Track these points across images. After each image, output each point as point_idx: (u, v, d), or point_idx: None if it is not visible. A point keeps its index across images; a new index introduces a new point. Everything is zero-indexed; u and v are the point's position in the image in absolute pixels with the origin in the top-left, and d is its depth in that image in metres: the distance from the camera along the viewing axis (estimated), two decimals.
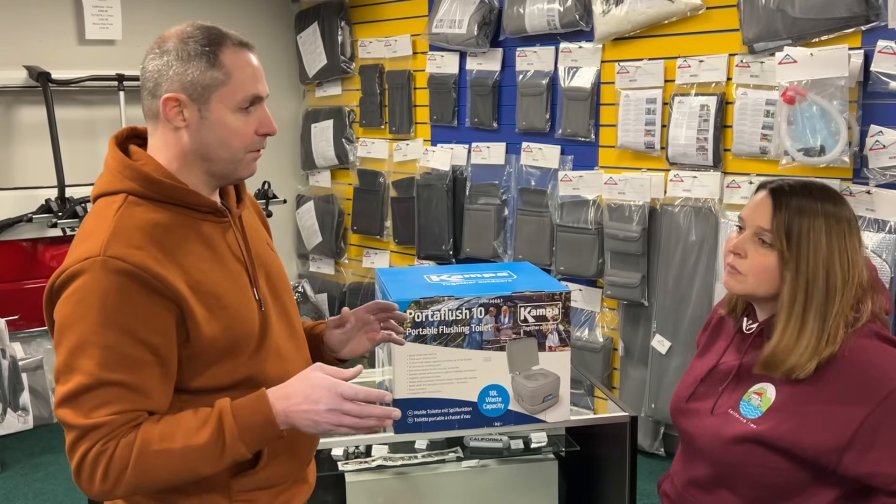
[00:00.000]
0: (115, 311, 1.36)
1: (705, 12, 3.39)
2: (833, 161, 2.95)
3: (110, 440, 1.35)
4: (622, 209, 3.66)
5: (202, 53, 1.44)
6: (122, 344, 1.36)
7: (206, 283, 1.45)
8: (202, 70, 1.44)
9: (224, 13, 4.91)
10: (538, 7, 3.86)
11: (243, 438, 1.38)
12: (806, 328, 1.58)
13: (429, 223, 4.51)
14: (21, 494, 3.56)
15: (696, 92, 3.43)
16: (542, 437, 2.44)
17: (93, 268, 1.36)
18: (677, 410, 1.82)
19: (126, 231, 1.40)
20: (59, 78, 4.24)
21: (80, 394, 1.35)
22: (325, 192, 5.17)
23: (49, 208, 4.17)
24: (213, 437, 1.37)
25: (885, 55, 2.88)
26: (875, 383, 1.53)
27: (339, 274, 5.16)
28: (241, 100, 1.45)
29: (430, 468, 2.39)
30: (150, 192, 1.45)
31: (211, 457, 1.38)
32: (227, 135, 1.46)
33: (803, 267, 1.58)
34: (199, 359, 1.45)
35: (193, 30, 1.46)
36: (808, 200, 1.61)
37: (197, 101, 1.45)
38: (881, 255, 2.90)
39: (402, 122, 4.66)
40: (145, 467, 1.36)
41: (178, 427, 1.38)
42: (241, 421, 1.38)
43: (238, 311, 1.48)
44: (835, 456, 1.54)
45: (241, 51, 1.47)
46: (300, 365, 1.61)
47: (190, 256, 1.44)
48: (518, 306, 2.00)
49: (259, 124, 1.48)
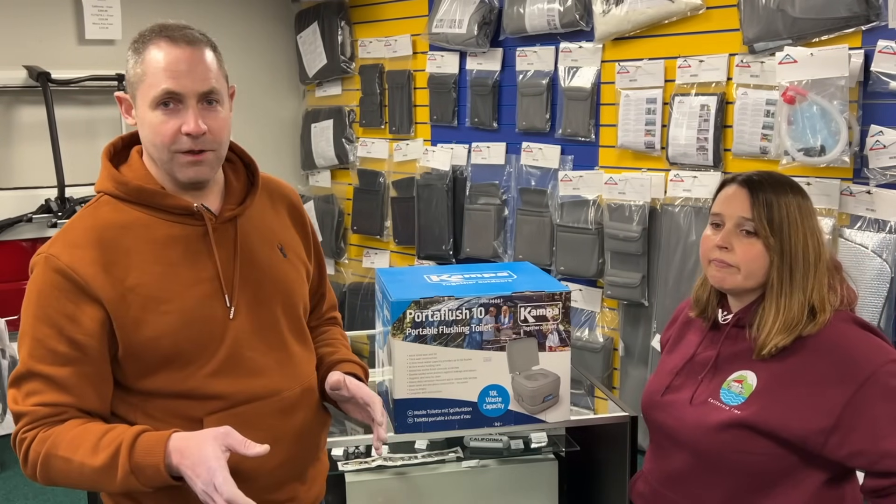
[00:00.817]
0: (47, 306, 1.41)
1: (705, 12, 3.39)
2: (833, 161, 2.95)
3: (30, 430, 1.40)
4: (622, 209, 3.66)
5: (135, 50, 1.45)
6: (49, 338, 1.40)
7: (148, 287, 1.43)
8: (132, 66, 1.45)
9: (224, 13, 4.91)
10: (538, 7, 3.86)
11: (136, 474, 1.36)
12: (794, 304, 1.64)
13: (429, 223, 4.51)
14: (21, 494, 3.56)
15: (696, 92, 3.43)
16: (542, 437, 2.44)
17: (38, 263, 1.44)
18: (650, 405, 1.83)
19: (74, 230, 1.45)
20: (58, 78, 4.24)
21: (18, 380, 1.42)
22: (325, 192, 5.17)
23: (49, 208, 4.17)
24: (107, 463, 1.36)
25: (885, 55, 2.88)
26: (858, 365, 1.57)
27: (339, 274, 5.16)
28: (155, 96, 1.40)
29: (430, 468, 2.39)
30: (120, 193, 1.48)
31: (106, 480, 1.37)
32: (149, 133, 1.44)
33: (787, 248, 1.65)
34: (139, 361, 1.45)
35: (149, 27, 1.46)
36: (777, 187, 1.69)
37: (132, 98, 1.46)
38: (881, 254, 2.90)
39: (402, 122, 4.66)
40: (50, 468, 1.39)
41: (85, 440, 1.38)
42: (134, 459, 1.36)
43: (187, 317, 1.45)
44: (821, 437, 1.56)
45: (166, 45, 1.41)
46: (281, 382, 1.55)
47: (137, 258, 1.44)
48: (518, 306, 2.00)
49: (184, 123, 1.40)
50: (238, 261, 1.51)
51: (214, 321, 1.48)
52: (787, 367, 1.62)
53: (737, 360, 1.69)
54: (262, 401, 1.52)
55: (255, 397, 1.51)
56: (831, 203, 3.03)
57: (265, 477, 1.54)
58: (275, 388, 1.54)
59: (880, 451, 1.52)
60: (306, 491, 1.64)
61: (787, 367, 1.62)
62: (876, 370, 1.55)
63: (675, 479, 1.74)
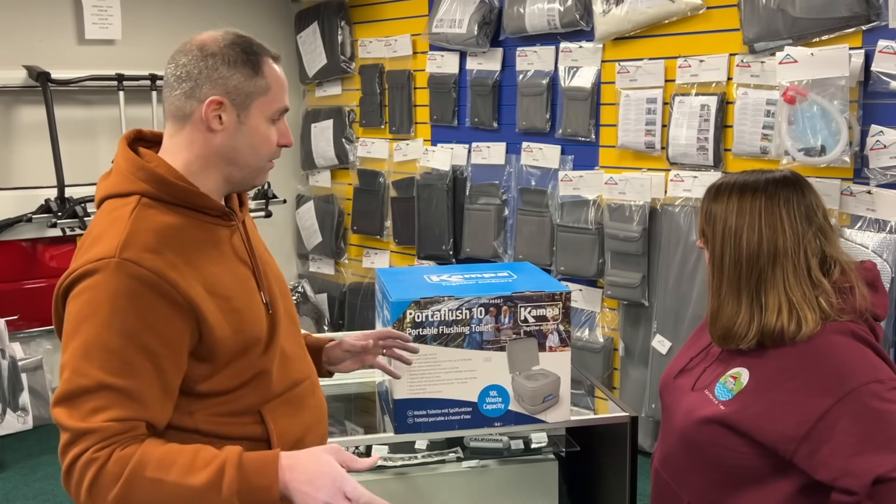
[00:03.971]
0: (124, 314, 1.33)
1: (706, 12, 3.39)
2: (833, 161, 2.94)
3: (103, 448, 1.31)
4: (622, 209, 3.66)
5: (247, 61, 1.46)
6: (125, 349, 1.33)
7: (219, 286, 1.44)
8: (247, 77, 1.46)
9: (223, 13, 4.91)
10: (538, 7, 3.86)
11: (240, 496, 1.31)
12: (727, 300, 1.66)
13: (429, 223, 4.51)
14: (21, 495, 3.55)
15: (696, 92, 3.42)
16: (542, 437, 2.43)
17: (107, 269, 1.34)
18: (664, 385, 1.86)
19: (141, 234, 1.38)
20: (58, 78, 4.23)
21: (78, 395, 1.32)
22: (325, 192, 5.17)
23: (49, 208, 4.17)
24: (210, 483, 1.31)
25: (885, 55, 2.88)
26: (841, 378, 1.54)
27: (339, 274, 5.15)
28: (275, 110, 1.50)
29: (430, 468, 2.39)
30: (163, 195, 1.44)
31: (201, 502, 1.32)
32: (259, 142, 1.50)
33: (716, 248, 1.68)
34: (209, 363, 1.43)
35: (236, 37, 1.48)
36: (720, 193, 1.72)
37: (238, 106, 1.46)
38: (882, 254, 2.90)
39: (402, 122, 4.66)
40: (132, 490, 1.31)
41: (179, 459, 1.33)
42: (244, 480, 1.32)
43: (247, 314, 1.48)
44: (792, 445, 1.55)
45: (275, 65, 1.51)
46: (302, 365, 1.62)
47: (203, 259, 1.44)
48: (518, 306, 1.99)
49: (280, 135, 1.53)
50: (256, 258, 1.56)
51: (263, 316, 1.52)
52: (776, 370, 1.61)
53: (740, 354, 1.69)
54: (301, 385, 1.59)
55: (296, 382, 1.58)
56: (832, 203, 3.03)
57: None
58: (305, 372, 1.62)
59: (843, 468, 1.50)
60: None
61: (776, 370, 1.61)
62: (858, 387, 1.52)
63: (669, 461, 1.77)
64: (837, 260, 1.66)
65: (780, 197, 1.65)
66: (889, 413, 1.51)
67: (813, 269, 1.63)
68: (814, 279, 1.62)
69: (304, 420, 1.56)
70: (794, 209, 1.64)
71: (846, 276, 1.64)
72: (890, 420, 1.50)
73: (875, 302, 1.65)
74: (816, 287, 1.62)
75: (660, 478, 1.79)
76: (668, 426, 1.80)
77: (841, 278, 1.64)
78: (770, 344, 1.63)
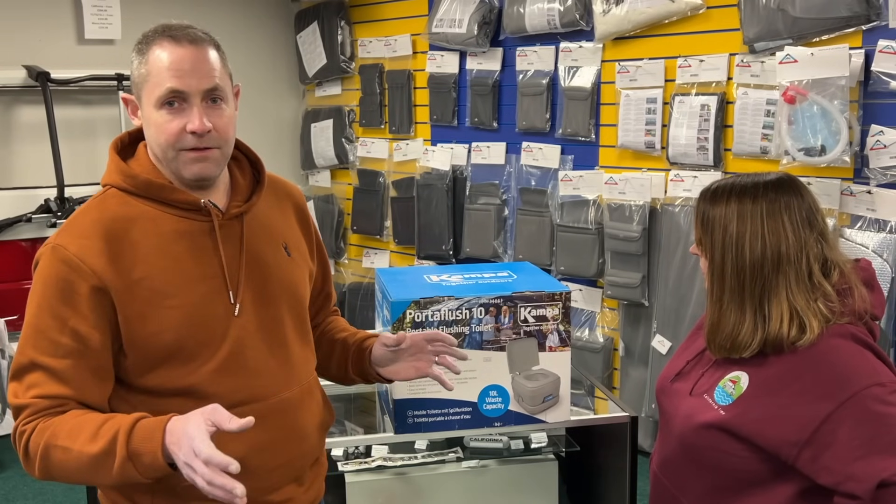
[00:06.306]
0: (52, 296, 1.40)
1: (706, 12, 3.39)
2: (834, 161, 2.94)
3: (30, 421, 1.38)
4: (622, 209, 3.66)
5: (138, 51, 1.46)
6: (51, 329, 1.39)
7: (153, 281, 1.43)
8: (136, 67, 1.46)
9: (223, 13, 4.91)
10: (538, 6, 3.86)
11: (133, 461, 1.31)
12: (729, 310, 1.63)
13: (429, 223, 4.51)
14: (20, 494, 3.55)
15: (696, 91, 3.42)
16: (542, 437, 2.43)
17: (45, 254, 1.43)
18: (661, 389, 1.84)
19: (80, 221, 1.45)
20: (58, 77, 4.23)
21: (18, 373, 1.41)
22: (325, 191, 5.16)
23: (48, 208, 4.17)
24: (106, 449, 1.32)
25: (885, 55, 2.88)
26: (842, 382, 1.52)
27: (339, 274, 5.15)
28: (159, 95, 1.41)
29: (430, 468, 2.39)
30: (128, 186, 1.47)
31: (103, 469, 1.33)
32: (154, 132, 1.45)
33: (716, 256, 1.64)
34: (141, 356, 1.44)
35: (155, 26, 1.47)
36: (718, 197, 1.66)
37: (138, 98, 1.47)
38: (882, 255, 2.90)
39: (401, 122, 4.66)
40: (49, 459, 1.36)
41: (84, 429, 1.35)
42: (132, 445, 1.31)
43: (192, 313, 1.44)
44: (794, 450, 1.54)
45: (169, 44, 1.42)
46: (280, 383, 1.54)
47: (143, 252, 1.43)
48: (518, 306, 1.99)
49: (189, 121, 1.41)
50: (244, 258, 1.51)
51: (218, 318, 1.47)
52: (776, 375, 1.59)
53: (738, 359, 1.68)
54: (261, 402, 1.50)
55: (254, 398, 1.50)
56: (832, 203, 3.03)
57: (262, 478, 1.52)
58: (274, 388, 1.53)
59: (847, 472, 1.49)
60: (304, 493, 1.62)
61: (777, 374, 1.59)
62: (859, 391, 1.50)
63: (667, 465, 1.76)
64: (837, 263, 1.65)
65: (780, 202, 1.62)
66: (891, 416, 1.50)
67: (815, 274, 1.61)
68: (815, 284, 1.61)
69: (250, 439, 1.40)
70: (796, 214, 1.62)
71: (845, 278, 1.64)
72: (892, 423, 1.49)
73: (873, 302, 1.65)
74: (818, 292, 1.60)
75: (659, 482, 1.78)
76: (666, 430, 1.79)
77: (840, 280, 1.63)
78: (770, 349, 1.62)
